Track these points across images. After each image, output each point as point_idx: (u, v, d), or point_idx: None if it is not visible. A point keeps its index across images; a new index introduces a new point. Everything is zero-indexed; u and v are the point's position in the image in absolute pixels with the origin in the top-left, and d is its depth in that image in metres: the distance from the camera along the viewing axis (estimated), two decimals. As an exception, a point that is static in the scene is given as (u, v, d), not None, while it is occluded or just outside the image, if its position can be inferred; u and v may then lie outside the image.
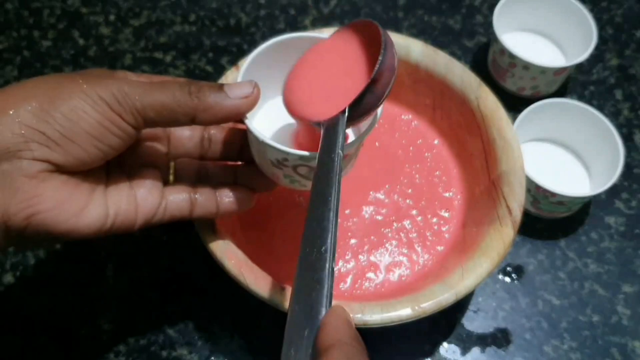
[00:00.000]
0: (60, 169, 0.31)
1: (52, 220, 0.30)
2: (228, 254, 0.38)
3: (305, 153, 0.34)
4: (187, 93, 0.32)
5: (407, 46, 0.47)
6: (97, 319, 0.45)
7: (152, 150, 0.37)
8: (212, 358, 0.44)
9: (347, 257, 0.44)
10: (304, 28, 0.61)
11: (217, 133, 0.39)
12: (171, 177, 0.38)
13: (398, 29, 0.61)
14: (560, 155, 0.53)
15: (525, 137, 0.52)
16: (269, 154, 0.35)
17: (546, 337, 0.46)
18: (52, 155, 0.30)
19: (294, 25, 0.61)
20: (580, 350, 0.46)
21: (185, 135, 0.38)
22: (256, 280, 0.37)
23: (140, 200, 0.34)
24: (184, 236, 0.48)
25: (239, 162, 0.40)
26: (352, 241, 0.45)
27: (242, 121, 0.35)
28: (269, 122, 0.40)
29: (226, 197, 0.37)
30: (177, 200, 0.36)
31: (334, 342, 0.24)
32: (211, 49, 0.59)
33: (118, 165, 0.35)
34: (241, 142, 0.39)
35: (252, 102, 0.34)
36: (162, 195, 0.36)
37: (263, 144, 0.34)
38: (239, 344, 0.45)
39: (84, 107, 0.30)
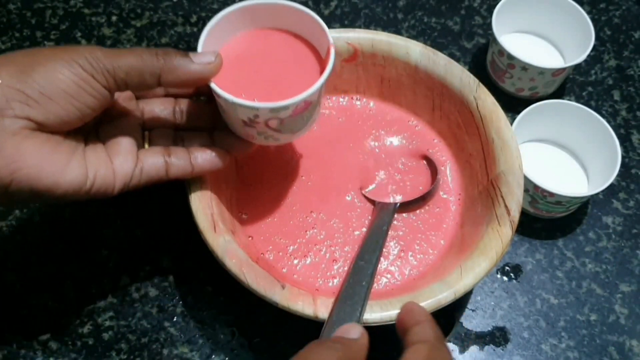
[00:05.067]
0: (41, 127, 0.33)
1: (35, 175, 0.32)
2: (229, 253, 0.38)
3: (275, 104, 0.35)
4: (154, 55, 0.35)
5: (406, 47, 0.47)
6: (98, 316, 0.45)
7: (126, 122, 0.39)
8: (213, 356, 0.44)
9: (346, 256, 0.44)
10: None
11: (187, 106, 0.41)
12: (146, 146, 0.39)
13: (398, 30, 0.62)
14: (559, 156, 0.53)
15: (523, 138, 0.52)
16: (239, 113, 0.36)
17: (544, 335, 0.46)
18: (32, 113, 0.32)
19: (295, 26, 0.61)
20: (577, 349, 0.46)
21: (158, 108, 0.40)
22: (257, 279, 0.37)
23: (117, 166, 0.36)
24: (185, 234, 0.48)
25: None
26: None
27: (208, 86, 0.36)
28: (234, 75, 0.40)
29: (200, 157, 0.39)
30: (152, 162, 0.38)
31: (424, 339, 0.32)
32: (212, 50, 0.59)
33: (95, 135, 0.38)
34: (212, 112, 0.40)
35: (214, 68, 0.36)
36: (138, 158, 0.38)
37: (232, 104, 0.35)
38: (240, 342, 0.45)
39: (60, 68, 0.33)
